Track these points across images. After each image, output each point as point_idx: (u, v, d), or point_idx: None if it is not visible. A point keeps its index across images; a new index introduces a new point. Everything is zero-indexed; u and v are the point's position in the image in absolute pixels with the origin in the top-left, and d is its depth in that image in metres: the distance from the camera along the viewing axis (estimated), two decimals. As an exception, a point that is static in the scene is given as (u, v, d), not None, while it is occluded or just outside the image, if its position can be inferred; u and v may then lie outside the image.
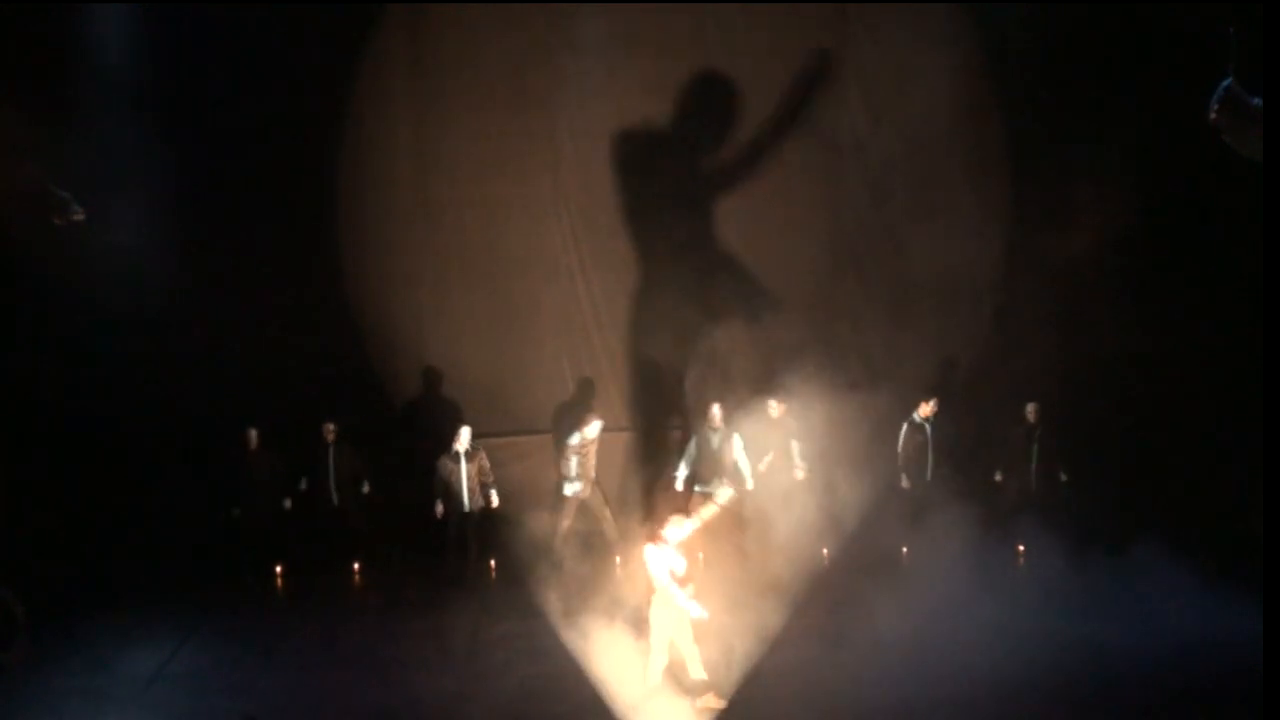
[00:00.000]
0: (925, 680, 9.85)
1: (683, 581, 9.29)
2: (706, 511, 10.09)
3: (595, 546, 13.01)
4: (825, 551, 12.74)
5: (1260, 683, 5.76)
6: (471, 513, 12.65)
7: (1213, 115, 6.48)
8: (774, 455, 12.66)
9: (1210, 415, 12.98)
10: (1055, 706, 9.41)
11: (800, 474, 12.61)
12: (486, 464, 12.78)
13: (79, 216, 9.97)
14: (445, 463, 12.65)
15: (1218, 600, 11.15)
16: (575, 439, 12.73)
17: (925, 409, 13.07)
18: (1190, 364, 13.19)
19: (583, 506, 12.86)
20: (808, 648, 10.60)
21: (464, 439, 12.66)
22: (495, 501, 12.74)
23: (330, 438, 13.09)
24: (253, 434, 12.92)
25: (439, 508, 12.64)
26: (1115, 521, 12.37)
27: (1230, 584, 11.01)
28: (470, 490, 12.59)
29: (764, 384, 12.82)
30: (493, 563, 13.13)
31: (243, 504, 12.83)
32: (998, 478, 13.34)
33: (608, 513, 13.05)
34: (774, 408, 12.70)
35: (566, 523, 12.78)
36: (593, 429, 12.82)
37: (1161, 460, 13.17)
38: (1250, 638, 7.01)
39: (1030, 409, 13.16)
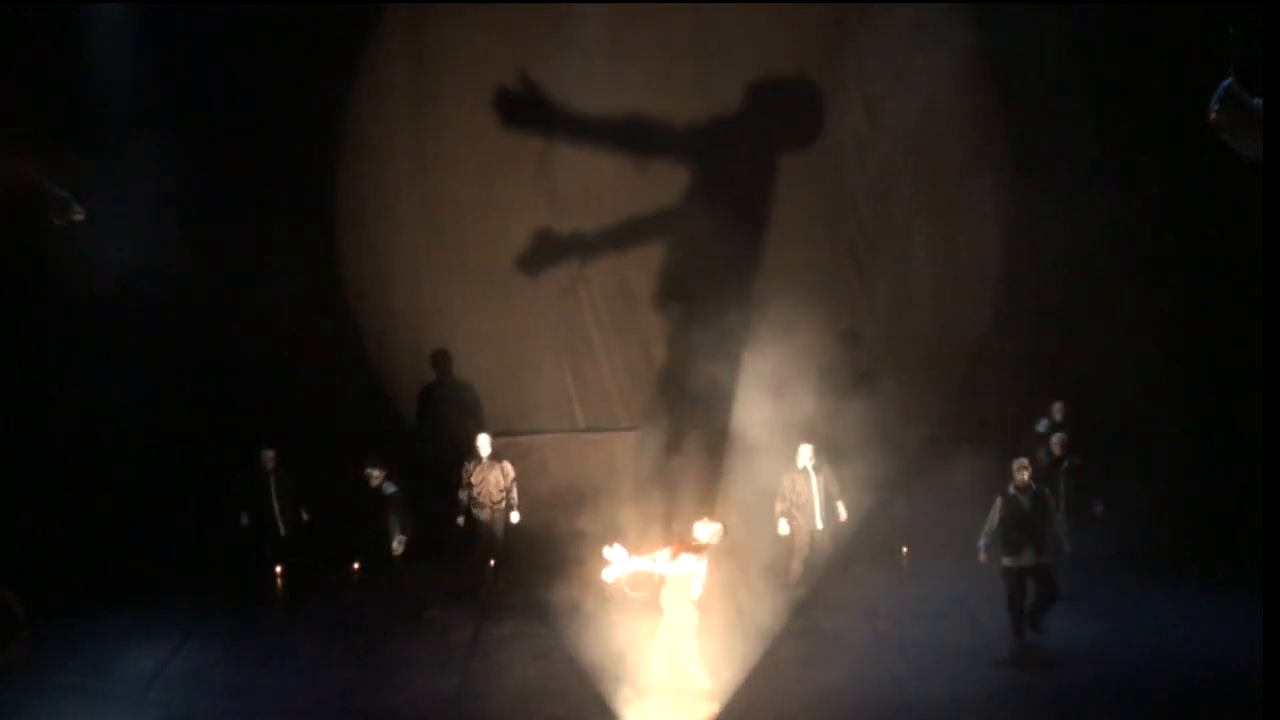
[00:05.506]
0: (925, 680, 9.86)
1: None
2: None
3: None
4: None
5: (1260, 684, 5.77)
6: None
7: (1213, 115, 6.49)
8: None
9: (1211, 418, 12.97)
10: (1055, 707, 9.42)
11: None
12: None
13: (79, 216, 9.99)
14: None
15: (1221, 602, 11.17)
16: (469, 464, 12.22)
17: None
18: (1189, 364, 13.19)
19: (488, 530, 12.21)
20: (807, 647, 10.60)
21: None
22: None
23: (270, 465, 12.48)
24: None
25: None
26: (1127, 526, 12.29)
27: (1235, 586, 11.03)
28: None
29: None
30: (492, 563, 13.12)
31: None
32: None
33: (493, 552, 12.25)
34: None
35: (482, 546, 12.27)
36: (483, 442, 12.22)
37: (1170, 460, 13.04)
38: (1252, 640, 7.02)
39: (1056, 440, 12.10)
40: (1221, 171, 9.85)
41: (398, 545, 11.46)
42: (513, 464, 12.46)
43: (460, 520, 12.24)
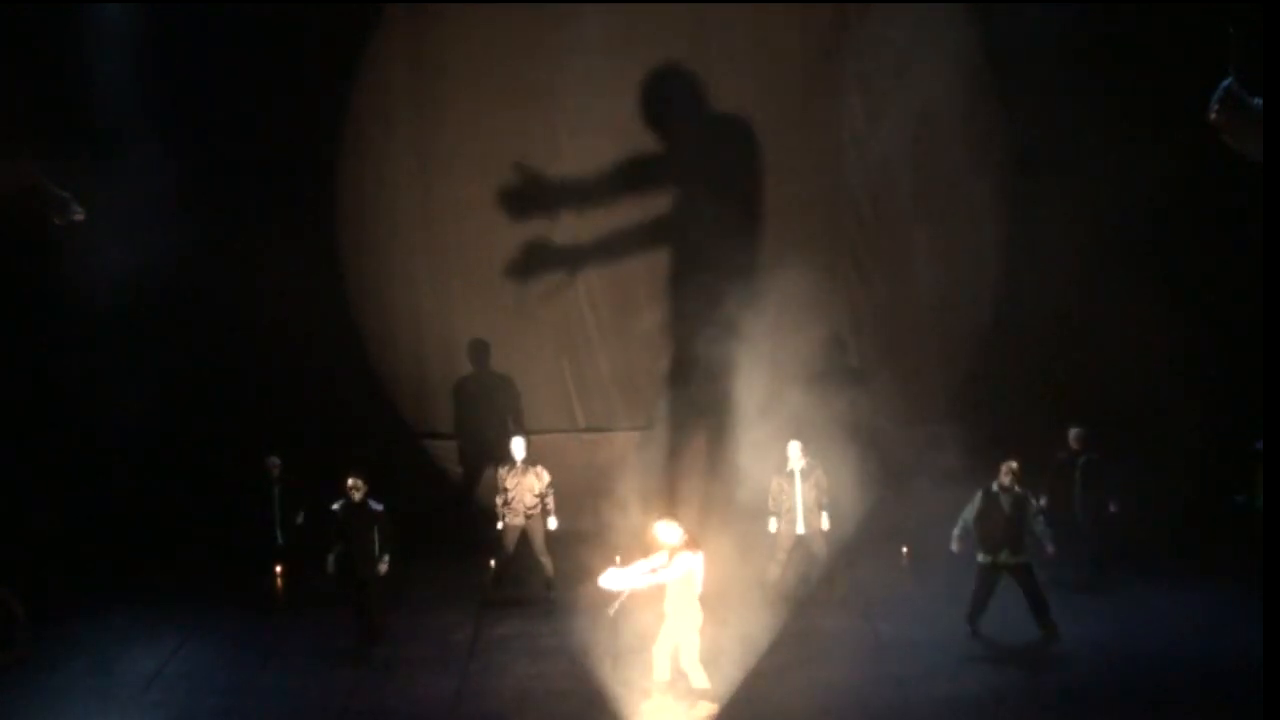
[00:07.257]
0: (925, 680, 9.85)
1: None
2: None
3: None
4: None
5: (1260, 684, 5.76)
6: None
7: (1213, 115, 6.49)
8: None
9: (1212, 417, 12.97)
10: (1055, 707, 9.41)
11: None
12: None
13: (79, 216, 10.00)
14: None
15: (1221, 602, 11.16)
16: (503, 469, 11.98)
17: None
18: (1190, 362, 13.19)
19: (524, 538, 11.97)
20: (807, 647, 10.60)
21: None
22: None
23: (275, 472, 12.38)
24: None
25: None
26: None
27: (1236, 586, 11.03)
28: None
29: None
30: (492, 563, 13.11)
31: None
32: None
33: (546, 556, 12.01)
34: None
35: (506, 553, 12.10)
36: (517, 446, 11.98)
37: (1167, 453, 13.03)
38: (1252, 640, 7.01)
39: (1074, 435, 12.00)
40: (1222, 172, 9.84)
41: (384, 566, 11.01)
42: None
43: (499, 525, 11.96)
